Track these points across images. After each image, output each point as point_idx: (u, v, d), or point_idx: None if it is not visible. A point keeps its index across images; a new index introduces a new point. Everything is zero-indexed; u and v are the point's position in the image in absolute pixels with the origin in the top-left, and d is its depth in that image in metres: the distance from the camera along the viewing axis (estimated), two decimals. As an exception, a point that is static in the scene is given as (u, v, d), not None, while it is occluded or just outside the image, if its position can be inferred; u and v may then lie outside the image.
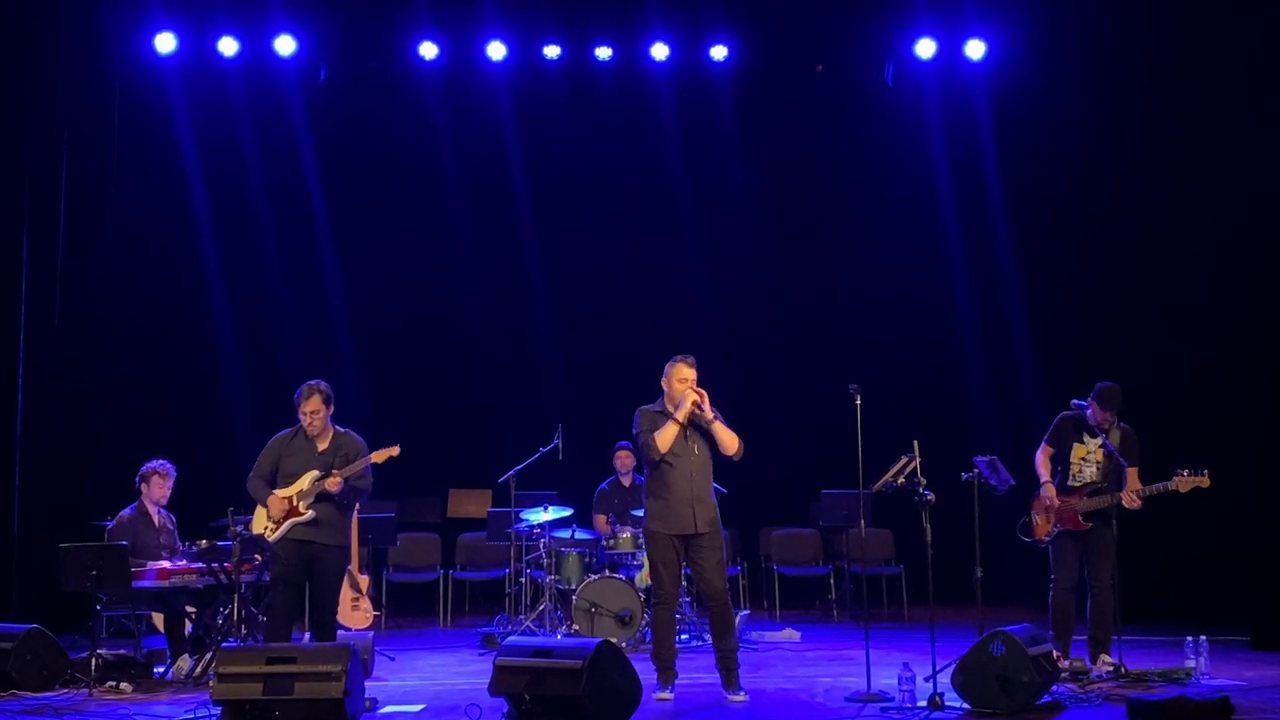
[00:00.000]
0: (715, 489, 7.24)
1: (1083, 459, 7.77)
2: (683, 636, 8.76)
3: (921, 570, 7.12)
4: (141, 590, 7.81)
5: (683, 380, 7.06)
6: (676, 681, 7.07)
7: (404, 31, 11.28)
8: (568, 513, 9.51)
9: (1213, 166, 10.45)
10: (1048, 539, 7.84)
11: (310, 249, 11.81)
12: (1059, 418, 7.93)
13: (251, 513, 7.41)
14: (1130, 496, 7.55)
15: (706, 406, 6.99)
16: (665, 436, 6.98)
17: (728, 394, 7.27)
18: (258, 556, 7.66)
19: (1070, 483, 7.77)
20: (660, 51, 11.41)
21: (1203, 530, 9.95)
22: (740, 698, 6.95)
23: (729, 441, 7.02)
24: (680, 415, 6.99)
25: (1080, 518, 7.69)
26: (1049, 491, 7.78)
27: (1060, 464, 7.86)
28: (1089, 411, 7.77)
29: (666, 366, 7.17)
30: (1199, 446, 9.52)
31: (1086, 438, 7.77)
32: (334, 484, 7.19)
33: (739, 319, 12.20)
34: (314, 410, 7.30)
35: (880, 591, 10.94)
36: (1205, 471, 7.39)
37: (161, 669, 7.96)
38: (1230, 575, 9.58)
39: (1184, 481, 7.41)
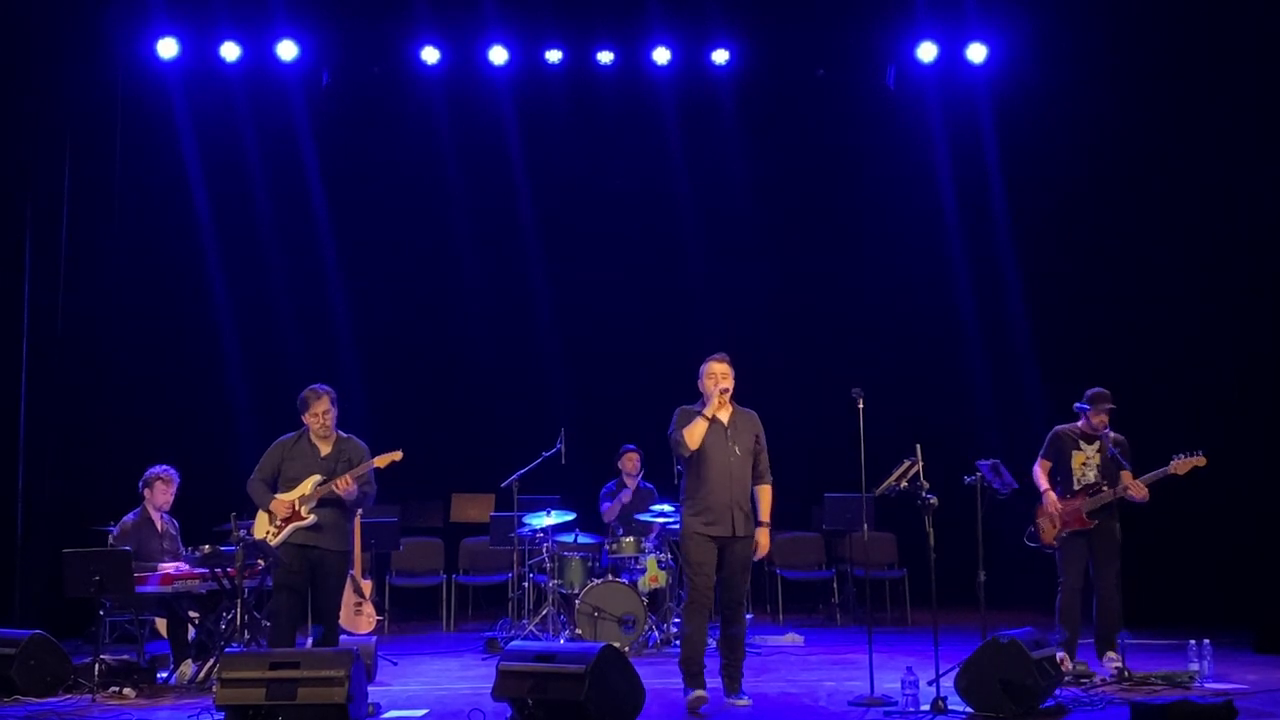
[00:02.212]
0: None
1: (1083, 464, 8.09)
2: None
3: (925, 574, 7.11)
4: (145, 595, 7.83)
5: (711, 376, 7.05)
6: (677, 685, 7.00)
7: (406, 36, 11.29)
8: (570, 517, 9.51)
9: (1215, 168, 10.44)
10: (1056, 543, 8.09)
11: (313, 254, 11.81)
12: (1053, 433, 8.26)
13: (253, 517, 7.42)
14: (1137, 485, 7.81)
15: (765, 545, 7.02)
16: (694, 432, 6.90)
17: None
18: (260, 561, 7.66)
19: (1074, 487, 8.06)
20: (662, 55, 11.41)
21: (1207, 533, 9.96)
22: (743, 702, 6.92)
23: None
24: (708, 410, 6.92)
25: (1085, 516, 7.96)
26: (1051, 499, 8.08)
27: (1060, 474, 8.17)
28: (1083, 419, 8.10)
29: (701, 367, 7.16)
30: (1205, 449, 9.55)
31: (1084, 444, 8.11)
32: (344, 485, 7.17)
33: (741, 323, 12.18)
34: (324, 410, 7.31)
35: (883, 595, 10.92)
36: (1200, 451, 7.70)
37: (165, 674, 7.96)
38: (1234, 578, 9.57)
39: (1182, 464, 7.73)
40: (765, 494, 7.10)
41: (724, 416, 7.03)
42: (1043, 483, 8.14)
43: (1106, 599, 7.91)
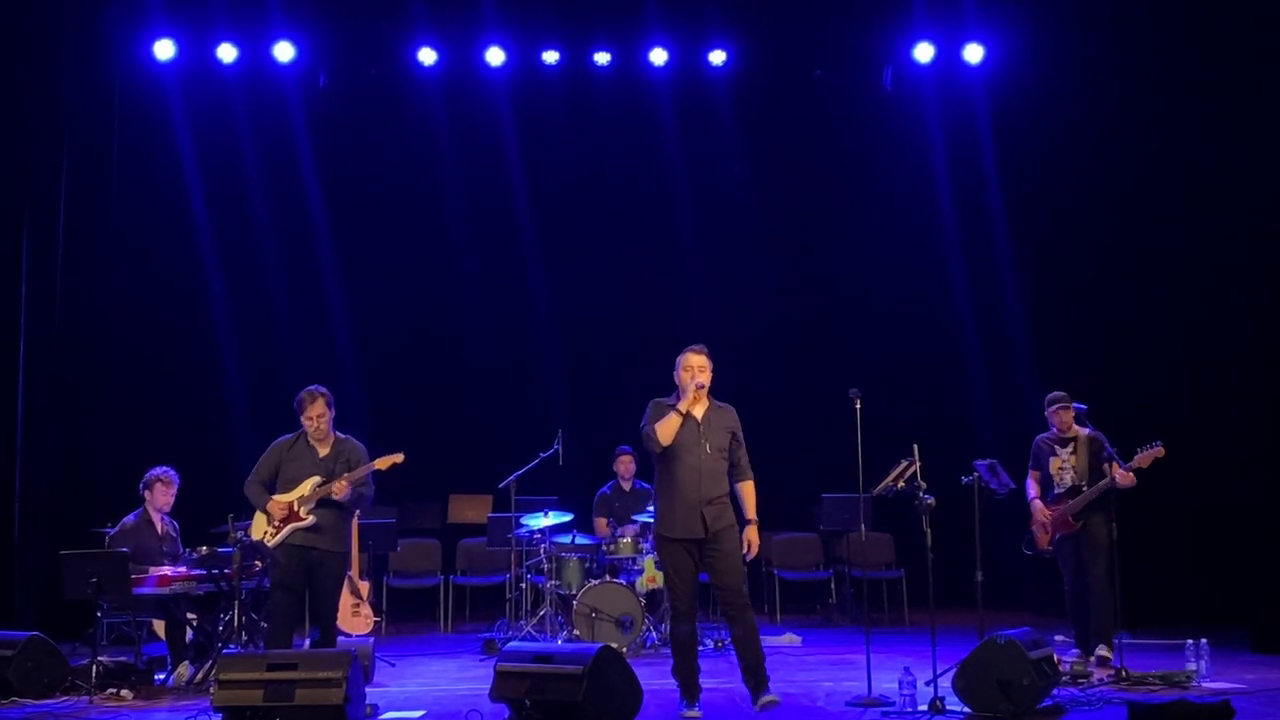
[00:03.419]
0: None
1: (1059, 469, 8.35)
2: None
3: (922, 574, 7.12)
4: (142, 597, 7.82)
5: (687, 369, 6.78)
6: (675, 686, 6.90)
7: (403, 38, 11.29)
8: (568, 518, 9.51)
9: (1213, 169, 10.44)
10: (1051, 548, 8.37)
11: (310, 255, 11.82)
12: (1034, 443, 8.52)
13: (250, 518, 7.42)
14: (1120, 475, 7.92)
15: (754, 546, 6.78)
16: (667, 427, 6.65)
17: (728, 398, 7.26)
18: (257, 562, 7.65)
19: (1056, 491, 8.32)
20: (659, 56, 11.42)
21: (1205, 533, 9.96)
22: (772, 699, 6.66)
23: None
24: (682, 405, 6.68)
25: (1070, 519, 8.21)
26: (1038, 507, 8.38)
27: (1044, 481, 8.45)
28: (1051, 426, 8.36)
29: (677, 358, 6.92)
30: (1203, 450, 9.57)
31: (1058, 449, 8.37)
32: (341, 488, 7.17)
33: (739, 324, 12.19)
34: (319, 414, 7.29)
35: (881, 595, 10.93)
36: (1158, 443, 7.90)
37: (162, 676, 7.96)
38: (1231, 577, 9.57)
39: (1144, 458, 7.93)
40: (748, 491, 6.87)
41: (698, 412, 6.76)
42: (1030, 492, 8.43)
43: (1097, 596, 8.05)
